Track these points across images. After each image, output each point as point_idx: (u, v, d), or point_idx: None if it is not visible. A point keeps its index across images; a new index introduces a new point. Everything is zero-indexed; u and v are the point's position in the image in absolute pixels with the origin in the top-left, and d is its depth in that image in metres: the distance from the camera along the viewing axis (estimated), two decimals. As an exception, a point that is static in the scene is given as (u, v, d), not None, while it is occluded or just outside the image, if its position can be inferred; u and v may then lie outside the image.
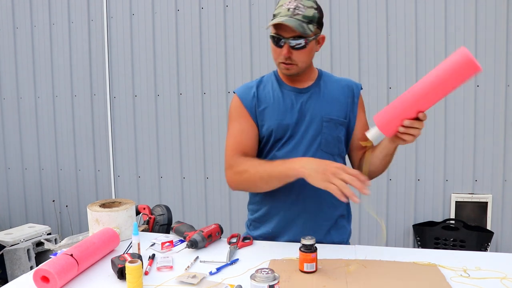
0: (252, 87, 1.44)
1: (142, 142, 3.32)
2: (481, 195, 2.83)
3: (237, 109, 1.44)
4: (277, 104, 1.40)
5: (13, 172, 3.67)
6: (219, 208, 3.22)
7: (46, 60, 3.47)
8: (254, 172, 1.32)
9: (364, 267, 1.19)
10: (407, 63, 2.86)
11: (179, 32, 3.18)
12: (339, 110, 1.42)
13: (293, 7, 1.27)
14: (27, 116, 3.57)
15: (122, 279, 1.13)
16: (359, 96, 1.46)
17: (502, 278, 1.11)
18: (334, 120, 1.40)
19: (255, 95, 1.42)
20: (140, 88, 3.29)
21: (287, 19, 1.25)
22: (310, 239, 1.16)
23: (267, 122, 1.40)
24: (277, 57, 1.35)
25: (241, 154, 1.39)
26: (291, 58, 1.32)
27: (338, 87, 1.45)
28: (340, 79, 1.49)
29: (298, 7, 1.27)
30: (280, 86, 1.44)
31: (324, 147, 1.40)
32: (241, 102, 1.43)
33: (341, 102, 1.43)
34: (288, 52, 1.31)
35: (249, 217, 1.54)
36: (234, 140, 1.42)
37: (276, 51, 1.34)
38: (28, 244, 2.64)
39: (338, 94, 1.43)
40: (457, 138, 2.84)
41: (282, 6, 1.29)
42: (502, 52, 2.74)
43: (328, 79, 1.47)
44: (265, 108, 1.41)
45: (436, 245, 2.73)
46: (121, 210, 1.46)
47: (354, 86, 1.47)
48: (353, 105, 1.45)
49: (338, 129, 1.41)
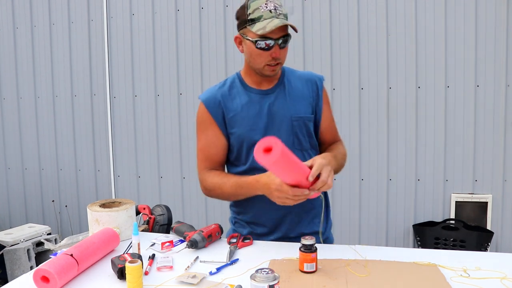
0: (217, 94, 1.42)
1: (142, 142, 3.32)
2: (481, 195, 2.83)
3: (204, 119, 1.43)
4: (245, 111, 1.40)
5: (13, 172, 3.67)
6: (219, 208, 3.22)
7: (46, 60, 3.47)
8: (221, 191, 1.39)
9: (364, 267, 1.19)
10: (407, 63, 2.86)
11: (179, 32, 3.18)
12: (306, 106, 1.43)
13: (273, 8, 1.27)
14: (27, 116, 3.57)
15: (122, 279, 1.13)
16: (322, 88, 1.47)
17: (502, 278, 1.11)
18: (303, 118, 1.41)
19: (221, 103, 1.41)
20: (140, 88, 3.28)
21: (281, 21, 1.26)
22: (310, 239, 1.16)
23: (237, 130, 1.40)
24: (262, 60, 1.32)
25: (210, 168, 1.43)
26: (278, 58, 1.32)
27: (301, 83, 1.45)
28: (302, 74, 1.49)
29: (277, 7, 1.28)
30: (246, 89, 1.43)
31: (297, 145, 1.41)
32: (208, 111, 1.41)
33: (306, 98, 1.43)
34: (279, 53, 1.31)
35: (234, 216, 1.55)
36: (201, 154, 1.45)
37: (263, 54, 1.31)
38: (28, 244, 2.64)
39: (302, 90, 1.44)
40: (457, 138, 2.84)
41: (259, 9, 1.27)
42: (502, 52, 2.74)
43: (291, 75, 1.47)
44: (234, 116, 1.40)
45: (436, 245, 2.73)
46: (121, 210, 1.46)
47: (316, 79, 1.47)
48: (318, 99, 1.45)
49: (308, 125, 1.43)
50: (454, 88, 2.83)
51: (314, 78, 1.47)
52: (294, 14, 2.97)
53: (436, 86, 2.84)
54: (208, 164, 1.44)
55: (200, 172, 1.46)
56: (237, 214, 1.53)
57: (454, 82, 2.82)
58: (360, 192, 2.97)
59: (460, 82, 2.81)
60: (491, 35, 2.74)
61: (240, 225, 1.52)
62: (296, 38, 2.97)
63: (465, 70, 2.79)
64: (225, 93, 1.42)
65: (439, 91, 2.84)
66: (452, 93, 2.83)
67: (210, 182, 1.41)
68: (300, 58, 2.98)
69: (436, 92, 2.84)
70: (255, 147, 1.07)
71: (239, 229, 1.52)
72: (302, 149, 1.43)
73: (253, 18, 1.28)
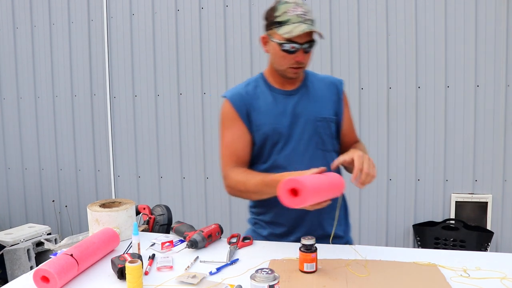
0: (242, 92, 1.44)
1: (142, 142, 3.32)
2: (481, 195, 2.83)
3: (229, 115, 1.43)
4: (269, 109, 1.41)
5: (13, 172, 3.67)
6: (219, 208, 3.22)
7: (46, 60, 3.47)
8: (245, 188, 1.36)
9: (364, 267, 1.19)
10: (407, 63, 2.86)
11: (179, 32, 3.18)
12: (329, 108, 1.45)
13: (301, 13, 1.29)
14: (27, 116, 3.57)
15: (122, 279, 1.13)
16: (343, 92, 1.51)
17: (502, 278, 1.11)
18: (327, 119, 1.44)
19: (246, 100, 1.42)
20: (140, 88, 3.29)
21: (309, 26, 1.28)
22: (310, 239, 1.16)
23: (261, 128, 1.41)
24: (286, 62, 1.34)
25: (235, 164, 1.42)
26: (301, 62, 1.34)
27: (324, 85, 1.48)
28: (323, 77, 1.52)
29: (306, 13, 1.30)
30: (270, 89, 1.44)
31: (321, 146, 1.43)
32: (233, 107, 1.42)
33: (329, 100, 1.46)
34: (303, 57, 1.33)
35: (254, 217, 1.54)
36: (227, 150, 1.44)
37: (287, 57, 1.33)
38: (28, 244, 2.64)
39: (325, 92, 1.47)
40: (457, 138, 2.84)
41: (287, 13, 1.29)
42: (502, 52, 2.74)
43: (313, 78, 1.49)
44: (258, 114, 1.41)
45: (436, 245, 2.73)
46: (121, 210, 1.46)
47: (337, 82, 1.51)
48: (339, 102, 1.49)
49: (331, 126, 1.45)
50: (454, 88, 2.83)
51: (335, 81, 1.51)
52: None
53: (436, 86, 2.84)
54: (233, 160, 1.42)
55: (224, 168, 1.44)
56: (256, 215, 1.53)
57: (454, 82, 2.82)
58: (360, 192, 2.97)
59: (460, 82, 2.81)
60: (491, 35, 2.74)
61: (260, 226, 1.51)
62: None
63: (465, 70, 2.79)
64: (250, 91, 1.44)
65: (439, 91, 2.84)
66: (452, 93, 2.83)
67: (234, 179, 1.39)
68: (300, 58, 2.97)
69: (436, 92, 2.84)
70: (278, 190, 1.08)
71: (259, 230, 1.51)
72: (324, 149, 1.44)
73: (280, 20, 1.30)
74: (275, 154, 1.41)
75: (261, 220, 1.51)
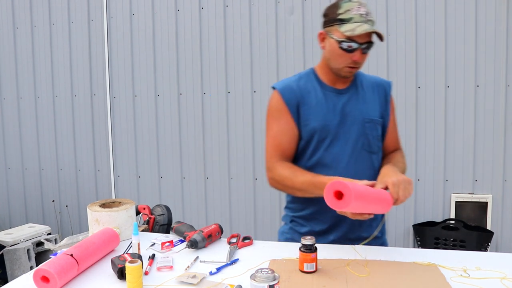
0: (293, 85, 1.43)
1: (142, 142, 3.32)
2: (481, 195, 2.83)
3: (278, 107, 1.42)
4: (320, 105, 1.41)
5: (13, 172, 3.67)
6: (219, 208, 3.22)
7: (46, 60, 3.47)
8: (291, 184, 1.36)
9: (364, 267, 1.19)
10: (407, 63, 2.86)
11: (179, 32, 3.18)
12: (376, 109, 1.45)
13: (364, 13, 1.29)
14: (27, 116, 3.57)
15: (122, 279, 1.13)
16: (390, 94, 1.50)
17: (502, 278, 1.11)
18: (374, 121, 1.43)
19: (297, 94, 1.41)
20: (140, 88, 3.29)
21: (371, 27, 1.28)
22: (310, 239, 1.16)
23: (311, 123, 1.40)
24: (343, 61, 1.34)
25: (280, 157, 1.41)
26: (358, 62, 1.34)
27: (372, 86, 1.47)
28: (372, 78, 1.51)
29: (368, 13, 1.30)
30: (321, 86, 1.44)
31: (367, 147, 1.42)
32: (282, 99, 1.41)
33: (376, 102, 1.46)
34: (360, 57, 1.33)
35: (291, 214, 1.53)
36: (273, 142, 1.43)
37: (344, 56, 1.33)
38: (28, 244, 2.64)
39: (373, 94, 1.46)
40: (457, 138, 2.84)
41: (350, 11, 1.29)
42: (502, 52, 2.74)
43: (363, 78, 1.49)
44: (308, 109, 1.40)
45: (436, 245, 2.73)
46: (121, 210, 1.46)
47: (386, 84, 1.50)
48: (386, 104, 1.48)
49: (377, 128, 1.44)
50: (454, 88, 2.83)
51: (383, 83, 1.50)
52: (294, 14, 2.97)
53: (436, 86, 2.84)
54: (278, 153, 1.42)
55: (269, 160, 1.43)
56: (294, 211, 1.51)
57: (454, 82, 2.82)
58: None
59: (460, 82, 2.81)
60: (491, 35, 2.74)
61: (297, 223, 1.49)
62: (296, 38, 2.98)
63: (465, 70, 2.79)
64: (301, 86, 1.43)
65: (439, 91, 2.84)
66: (452, 93, 2.83)
67: (280, 173, 1.39)
68: (300, 58, 2.98)
69: (436, 92, 2.84)
70: (325, 190, 1.10)
71: (297, 227, 1.49)
72: (370, 151, 1.43)
73: (343, 18, 1.30)
74: (321, 151, 1.40)
75: (300, 217, 1.49)
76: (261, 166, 3.10)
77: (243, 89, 3.10)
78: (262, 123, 3.09)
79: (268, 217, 3.14)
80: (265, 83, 3.05)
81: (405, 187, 1.21)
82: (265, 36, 3.03)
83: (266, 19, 3.02)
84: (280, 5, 2.99)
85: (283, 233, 1.54)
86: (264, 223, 3.15)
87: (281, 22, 3.00)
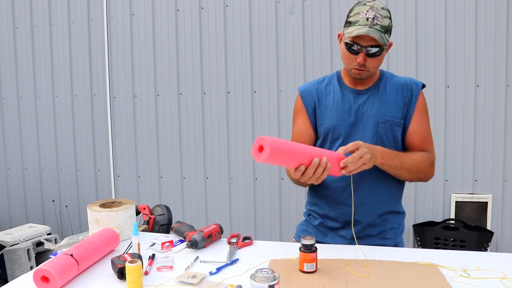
0: (313, 88, 1.51)
1: (142, 142, 3.32)
2: (481, 195, 2.83)
3: (297, 109, 1.54)
4: (336, 105, 1.45)
5: (13, 172, 3.67)
6: (219, 208, 3.22)
7: (46, 60, 3.47)
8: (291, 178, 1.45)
9: (364, 267, 1.19)
10: (407, 63, 2.86)
11: (179, 32, 3.18)
12: (396, 110, 1.42)
13: (372, 17, 1.29)
14: (27, 116, 3.57)
15: (122, 279, 1.13)
16: (418, 95, 1.44)
17: (502, 278, 1.11)
18: (390, 121, 1.41)
19: (315, 95, 1.49)
20: (140, 88, 3.29)
21: (369, 30, 1.27)
22: (310, 239, 1.16)
23: (325, 122, 1.46)
24: (350, 63, 1.37)
25: None
26: (364, 65, 1.34)
27: (396, 87, 1.45)
28: (400, 79, 1.48)
29: (377, 17, 1.29)
30: (341, 87, 1.48)
31: None
32: (302, 101, 1.51)
33: (398, 103, 1.43)
34: (363, 60, 1.33)
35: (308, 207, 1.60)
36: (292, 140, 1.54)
37: (350, 57, 1.36)
38: (28, 244, 2.64)
39: (396, 95, 1.44)
40: (457, 138, 2.84)
41: (359, 15, 1.30)
42: (502, 52, 2.74)
43: (389, 80, 1.47)
44: (325, 109, 1.47)
45: (436, 245, 2.73)
46: (121, 210, 1.46)
47: (413, 84, 1.45)
48: (410, 104, 1.44)
49: (394, 129, 1.42)
50: (454, 88, 2.83)
51: (410, 84, 1.45)
52: (294, 14, 2.97)
53: (436, 86, 2.84)
54: None
55: None
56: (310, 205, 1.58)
57: (454, 82, 2.82)
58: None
59: (460, 82, 2.81)
60: (491, 35, 2.74)
61: (312, 216, 1.56)
62: (296, 38, 2.98)
63: (465, 70, 2.79)
64: (321, 87, 1.50)
65: (439, 91, 2.84)
66: (452, 93, 2.83)
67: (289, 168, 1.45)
68: (300, 58, 2.98)
69: (436, 92, 2.84)
70: (252, 146, 1.14)
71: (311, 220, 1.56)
72: None
73: (350, 21, 1.33)
74: (334, 149, 1.43)
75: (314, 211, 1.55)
76: (261, 166, 3.10)
77: (243, 89, 3.10)
78: (262, 123, 3.09)
79: (268, 217, 3.14)
80: (265, 83, 3.05)
81: (364, 154, 1.24)
82: (265, 36, 3.03)
83: (266, 19, 3.02)
84: (280, 5, 3.00)
85: (300, 225, 1.61)
86: (264, 223, 3.15)
87: (281, 22, 3.00)
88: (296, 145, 1.18)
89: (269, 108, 3.07)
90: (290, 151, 1.14)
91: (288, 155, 1.14)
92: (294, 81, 3.00)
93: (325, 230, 1.50)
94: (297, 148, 1.17)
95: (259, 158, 1.11)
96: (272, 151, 1.09)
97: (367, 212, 1.43)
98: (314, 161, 1.18)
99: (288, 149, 1.14)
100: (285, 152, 1.13)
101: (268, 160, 1.11)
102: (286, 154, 1.13)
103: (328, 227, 1.50)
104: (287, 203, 3.10)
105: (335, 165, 1.24)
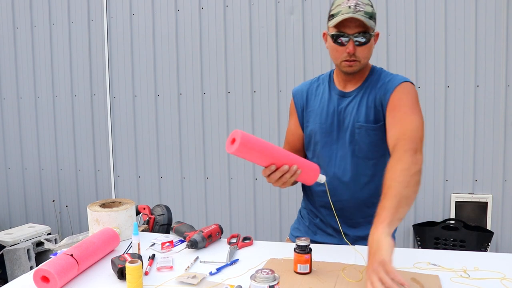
0: (304, 89, 1.51)
1: (142, 142, 3.32)
2: (481, 195, 2.83)
3: (291, 109, 1.56)
4: (321, 108, 1.44)
5: (13, 172, 3.67)
6: (219, 208, 3.22)
7: (46, 60, 3.47)
8: None
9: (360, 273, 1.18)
10: (407, 63, 2.86)
11: (179, 32, 3.18)
12: (372, 114, 1.35)
13: (353, 5, 1.26)
14: (27, 116, 3.57)
15: (122, 279, 1.13)
16: (392, 91, 1.32)
17: (501, 278, 1.11)
18: (365, 127, 1.36)
19: (305, 96, 1.50)
20: (140, 88, 3.29)
21: (354, 14, 1.24)
22: (304, 240, 1.15)
23: (310, 125, 1.47)
24: (339, 56, 1.33)
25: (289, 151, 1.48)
26: (355, 55, 1.30)
27: (376, 88, 1.37)
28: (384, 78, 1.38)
29: (358, 4, 1.27)
30: (330, 88, 1.46)
31: (358, 153, 1.39)
32: (293, 101, 1.53)
33: (373, 105, 1.36)
34: (353, 49, 1.29)
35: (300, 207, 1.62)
36: (285, 139, 1.59)
37: (339, 50, 1.32)
38: (28, 244, 2.64)
39: (374, 96, 1.36)
40: (457, 138, 2.84)
41: (340, 5, 1.28)
42: (502, 52, 2.74)
43: (375, 79, 1.39)
44: (311, 111, 1.47)
45: (436, 245, 2.73)
46: (121, 210, 1.46)
47: (390, 82, 1.34)
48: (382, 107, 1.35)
49: (371, 134, 1.36)
50: (454, 88, 2.83)
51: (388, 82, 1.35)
52: (294, 14, 2.97)
53: (436, 86, 2.84)
54: (287, 148, 1.55)
55: None
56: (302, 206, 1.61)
57: (454, 82, 2.82)
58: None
59: (460, 82, 2.81)
60: (491, 35, 2.74)
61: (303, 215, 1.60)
62: (296, 38, 2.98)
63: (465, 70, 2.79)
64: (312, 89, 1.50)
65: (439, 91, 2.84)
66: (452, 93, 2.83)
67: None
68: (300, 58, 2.98)
69: (436, 92, 2.84)
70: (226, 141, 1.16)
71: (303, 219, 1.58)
72: (365, 157, 1.38)
73: (333, 13, 1.31)
74: (316, 153, 1.45)
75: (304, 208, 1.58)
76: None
77: (243, 89, 3.10)
78: (262, 123, 3.09)
79: (268, 217, 3.14)
80: (265, 83, 3.05)
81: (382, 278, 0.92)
82: (265, 36, 3.03)
83: (266, 19, 3.02)
84: (280, 5, 3.00)
85: (293, 224, 1.63)
86: (264, 223, 3.15)
87: (281, 22, 3.00)
88: (270, 145, 1.17)
89: (269, 108, 3.07)
90: (260, 148, 1.14)
91: (258, 152, 1.14)
92: (294, 81, 3.00)
93: (314, 228, 1.52)
94: (269, 147, 1.16)
95: (230, 149, 1.12)
96: (243, 142, 1.11)
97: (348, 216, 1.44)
98: (284, 167, 1.16)
99: (259, 145, 1.14)
100: (256, 147, 1.14)
101: (238, 152, 1.11)
102: (256, 150, 1.14)
103: (316, 225, 1.52)
104: (287, 203, 3.10)
105: (308, 173, 1.23)
